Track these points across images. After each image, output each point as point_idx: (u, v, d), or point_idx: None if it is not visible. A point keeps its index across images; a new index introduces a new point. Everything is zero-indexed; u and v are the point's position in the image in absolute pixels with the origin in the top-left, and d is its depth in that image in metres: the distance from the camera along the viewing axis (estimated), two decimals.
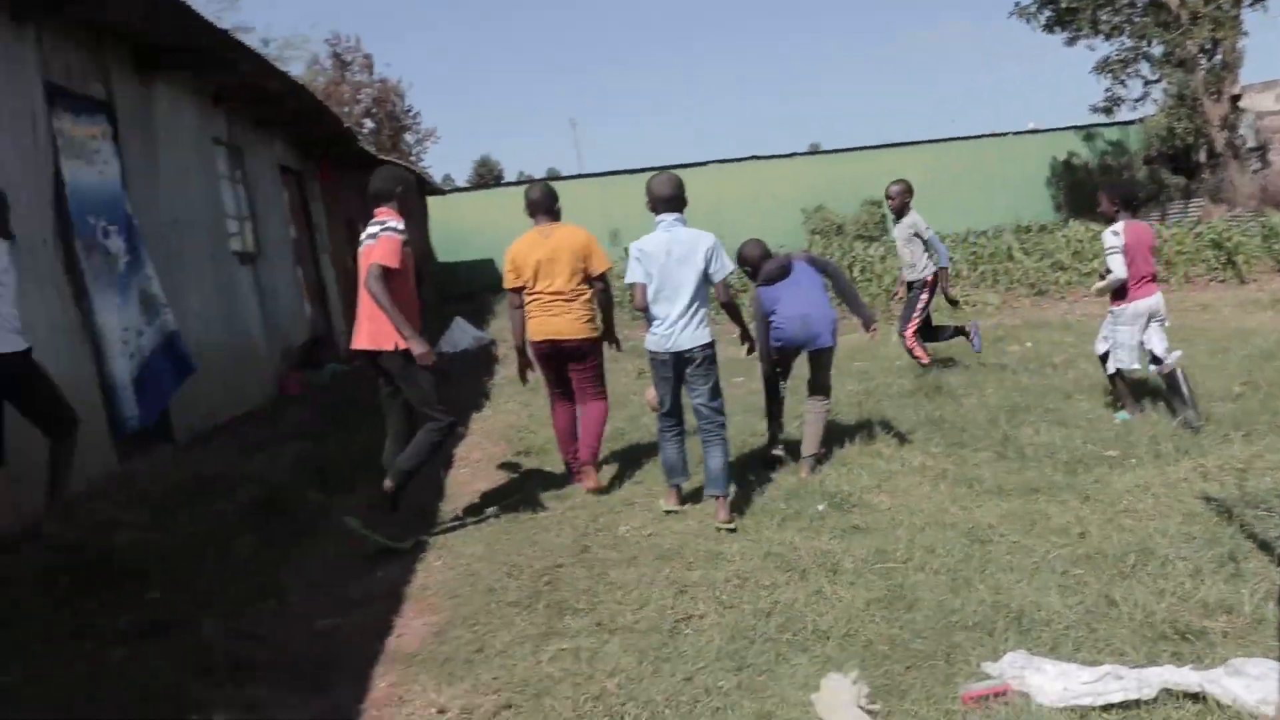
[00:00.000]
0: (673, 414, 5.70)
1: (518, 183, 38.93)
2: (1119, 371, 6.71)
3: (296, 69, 37.88)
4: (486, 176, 51.96)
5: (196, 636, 4.41)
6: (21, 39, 7.08)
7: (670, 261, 5.49)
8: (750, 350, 6.40)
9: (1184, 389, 6.29)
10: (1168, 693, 2.88)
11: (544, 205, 6.41)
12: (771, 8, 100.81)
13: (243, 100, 11.63)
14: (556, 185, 6.85)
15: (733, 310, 5.87)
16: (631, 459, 6.98)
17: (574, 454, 6.49)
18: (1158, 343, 6.53)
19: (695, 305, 5.51)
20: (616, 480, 6.46)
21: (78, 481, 6.86)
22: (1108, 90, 25.31)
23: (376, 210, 5.86)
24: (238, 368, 10.65)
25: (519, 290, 6.40)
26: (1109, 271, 6.67)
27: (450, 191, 29.80)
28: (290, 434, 9.12)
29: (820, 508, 5.28)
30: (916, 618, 3.76)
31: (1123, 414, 6.65)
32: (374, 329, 5.59)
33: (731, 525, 5.19)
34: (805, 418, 6.34)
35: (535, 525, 5.66)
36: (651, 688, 3.50)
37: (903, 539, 4.61)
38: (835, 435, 6.83)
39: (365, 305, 5.64)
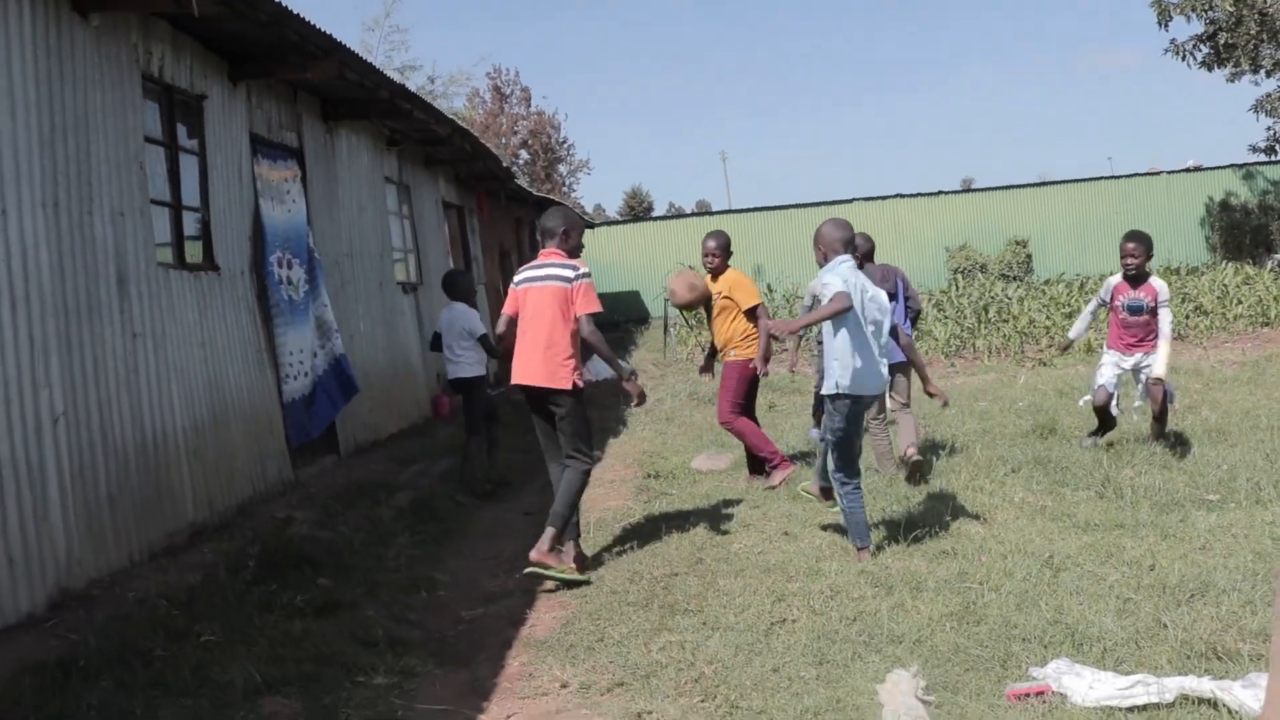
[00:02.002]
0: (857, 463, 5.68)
1: (664, 216, 39.94)
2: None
3: (459, 103, 39.90)
4: (637, 208, 53.14)
5: (361, 616, 5.19)
6: (235, 98, 8.19)
7: (869, 302, 5.56)
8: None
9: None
10: (1185, 699, 3.28)
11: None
12: (925, 47, 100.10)
13: (413, 142, 12.74)
14: (708, 220, 7.54)
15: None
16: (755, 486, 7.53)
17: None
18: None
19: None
20: (736, 503, 7.01)
21: (258, 484, 7.87)
22: (1269, 129, 24.55)
23: (544, 251, 5.99)
24: (397, 388, 11.66)
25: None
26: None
27: (599, 225, 30.89)
28: (441, 450, 10.02)
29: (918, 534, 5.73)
30: (981, 630, 4.20)
31: None
32: (549, 367, 5.74)
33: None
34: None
35: (658, 540, 6.26)
36: (743, 674, 4.06)
37: (985, 564, 5.03)
38: (943, 469, 7.23)
39: (534, 341, 5.78)
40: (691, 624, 4.71)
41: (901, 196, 29.69)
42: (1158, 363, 7.23)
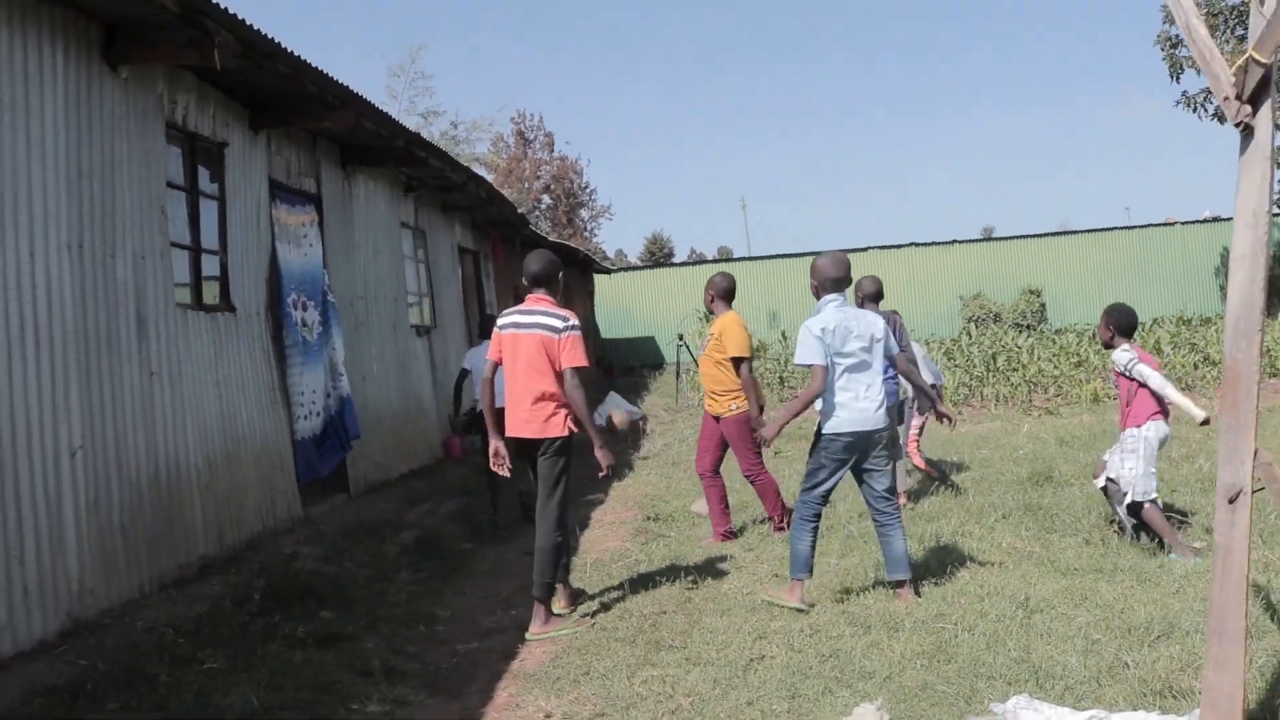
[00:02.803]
0: (826, 502, 5.74)
1: (683, 263, 40.30)
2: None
3: (482, 148, 40.62)
4: (658, 253, 53.49)
5: (360, 647, 5.40)
6: (255, 145, 8.52)
7: (852, 339, 5.51)
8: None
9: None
10: None
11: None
12: (940, 97, 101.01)
13: (429, 188, 13.08)
14: (728, 267, 7.47)
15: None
16: (753, 525, 7.69)
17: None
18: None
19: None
20: (731, 546, 7.18)
21: (267, 520, 8.09)
22: None
23: (533, 296, 5.84)
24: (409, 430, 11.90)
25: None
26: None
27: (616, 271, 31.24)
28: (450, 490, 10.22)
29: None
30: (950, 668, 4.35)
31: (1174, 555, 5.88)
32: (542, 419, 5.62)
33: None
34: None
35: (651, 579, 6.42)
36: (718, 707, 4.23)
37: (961, 605, 5.18)
38: (935, 514, 7.38)
39: (523, 392, 5.65)
40: (674, 659, 4.87)
41: (916, 245, 29.91)
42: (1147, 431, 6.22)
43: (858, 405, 5.49)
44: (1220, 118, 24.11)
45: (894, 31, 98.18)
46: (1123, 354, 6.24)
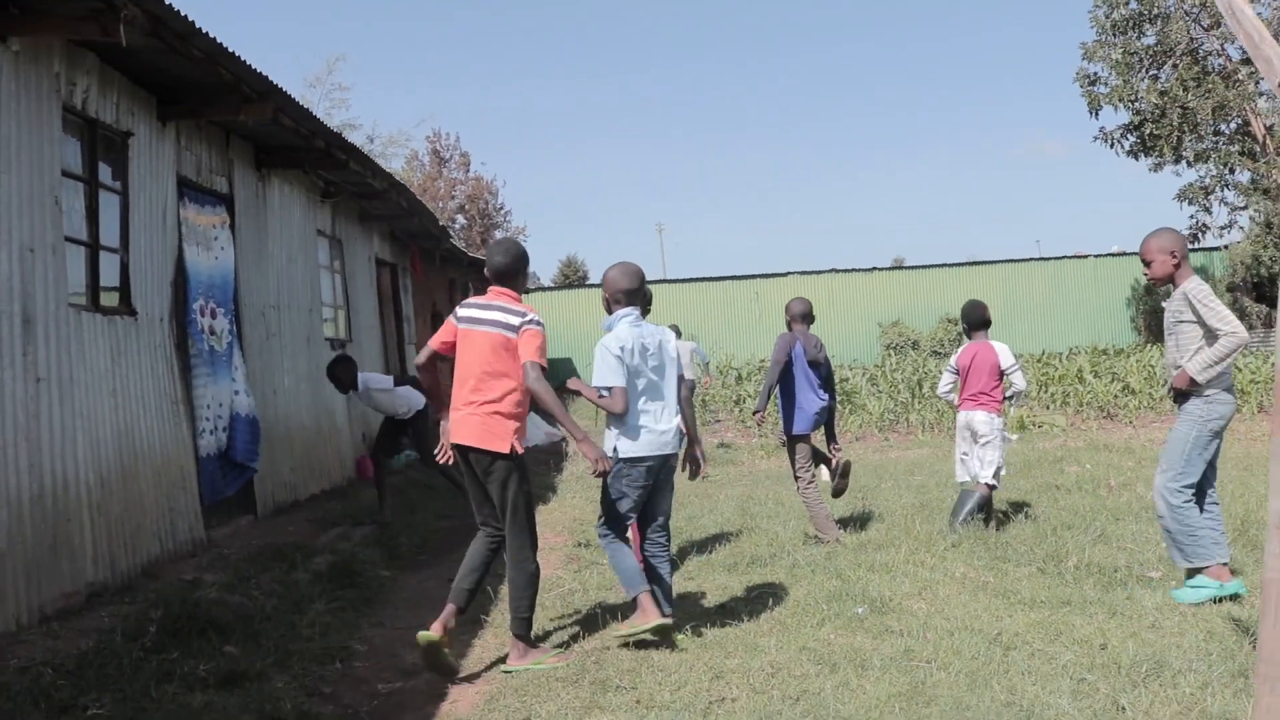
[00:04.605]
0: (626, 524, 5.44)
1: (597, 284, 39.96)
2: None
3: (397, 164, 39.84)
4: (571, 276, 53.17)
5: (269, 688, 4.81)
6: (163, 138, 7.88)
7: (649, 357, 5.24)
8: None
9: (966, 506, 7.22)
10: None
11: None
12: (858, 126, 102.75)
13: (348, 195, 12.48)
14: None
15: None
16: (693, 553, 7.27)
17: None
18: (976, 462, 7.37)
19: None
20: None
21: (166, 543, 7.42)
22: (1192, 217, 25.36)
23: (494, 290, 5.18)
24: (320, 447, 11.24)
25: None
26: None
27: (534, 290, 30.72)
28: (364, 512, 9.61)
29: (860, 610, 5.51)
30: (932, 711, 3.98)
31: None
32: (486, 426, 4.98)
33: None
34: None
35: (589, 611, 5.96)
36: None
37: (931, 641, 4.83)
38: (883, 543, 7.07)
39: (471, 395, 5.02)
40: (624, 702, 4.42)
41: (836, 271, 30.03)
42: None
43: (657, 429, 5.23)
44: (1134, 154, 24.67)
45: (810, 60, 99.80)
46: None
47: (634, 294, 5.31)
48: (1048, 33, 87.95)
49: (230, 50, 7.03)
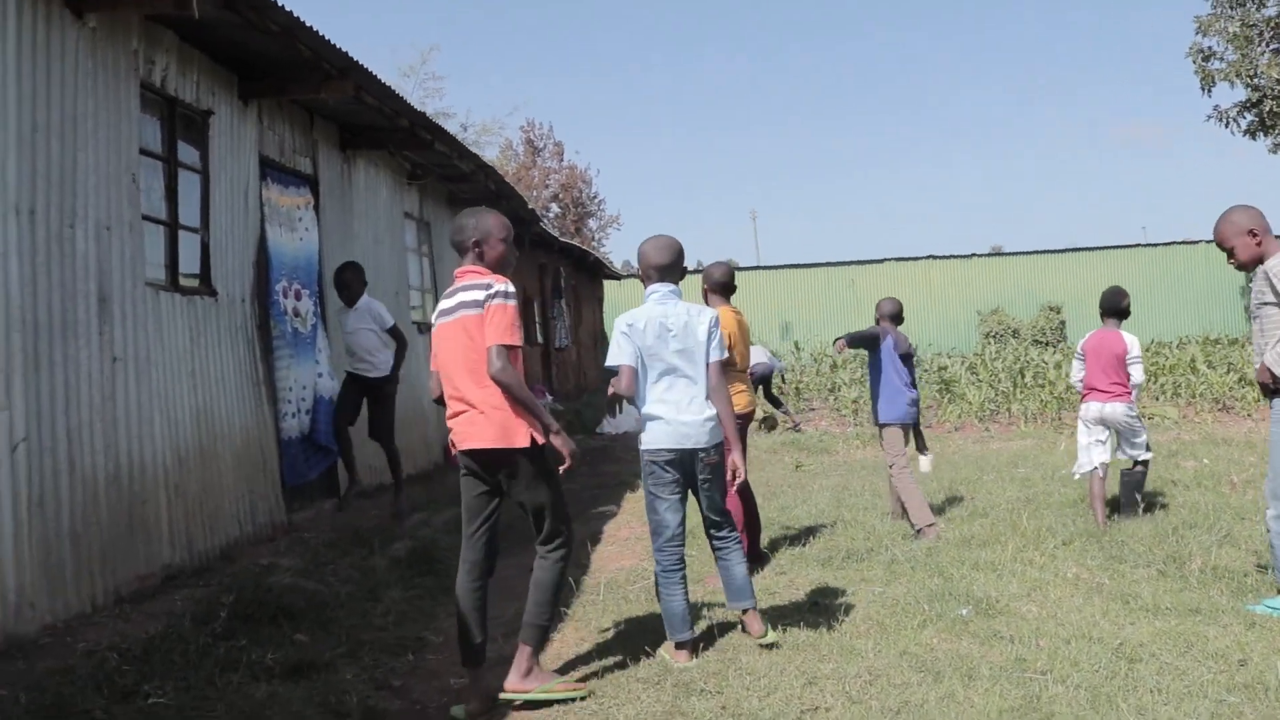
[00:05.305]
0: (681, 539, 4.82)
1: (694, 271, 39.60)
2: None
3: (490, 153, 40.02)
4: None
5: (336, 679, 4.61)
6: (244, 117, 7.78)
7: (671, 340, 4.65)
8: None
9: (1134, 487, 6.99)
10: None
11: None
12: (955, 110, 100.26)
13: (435, 178, 12.34)
14: (739, 276, 6.66)
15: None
16: (786, 545, 6.92)
17: None
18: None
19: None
20: (759, 567, 6.40)
21: (245, 526, 7.32)
22: None
23: (459, 270, 4.39)
24: (405, 432, 11.11)
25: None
26: None
27: (627, 277, 30.50)
28: (448, 498, 9.44)
29: (964, 611, 5.10)
30: None
31: None
32: (494, 423, 4.22)
33: (769, 641, 4.74)
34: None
35: None
36: None
37: (1045, 649, 4.41)
38: (987, 539, 6.62)
39: (464, 395, 4.28)
40: (709, 708, 4.09)
41: (934, 258, 29.23)
42: None
43: (679, 419, 4.62)
44: (1251, 133, 23.42)
45: (906, 47, 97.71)
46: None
47: (668, 269, 4.77)
48: (1153, 7, 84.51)
49: (308, 25, 6.86)
